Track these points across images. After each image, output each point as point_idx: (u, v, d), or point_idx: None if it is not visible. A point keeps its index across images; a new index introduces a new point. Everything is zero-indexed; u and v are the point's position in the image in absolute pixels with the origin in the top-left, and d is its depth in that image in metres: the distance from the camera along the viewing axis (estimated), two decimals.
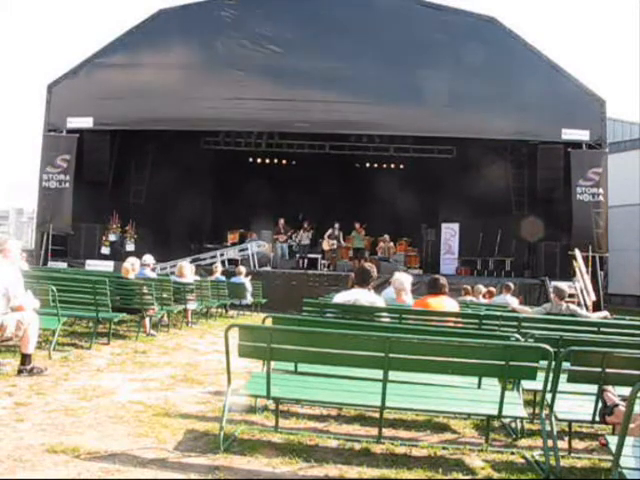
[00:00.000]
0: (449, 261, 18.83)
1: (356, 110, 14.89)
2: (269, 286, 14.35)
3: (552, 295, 7.61)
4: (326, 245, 18.14)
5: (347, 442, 3.86)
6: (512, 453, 3.82)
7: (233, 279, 13.01)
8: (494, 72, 14.95)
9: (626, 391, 3.03)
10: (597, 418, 3.54)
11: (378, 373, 3.57)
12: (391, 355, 3.49)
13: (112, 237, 16.40)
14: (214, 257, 16.57)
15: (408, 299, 6.88)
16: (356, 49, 14.90)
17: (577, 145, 14.89)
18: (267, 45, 15.18)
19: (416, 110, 14.87)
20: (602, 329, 5.40)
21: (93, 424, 3.99)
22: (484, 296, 11.22)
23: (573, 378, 3.55)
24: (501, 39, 15.15)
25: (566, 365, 3.60)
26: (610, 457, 3.02)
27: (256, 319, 11.03)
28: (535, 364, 3.55)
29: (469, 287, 11.65)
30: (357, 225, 17.87)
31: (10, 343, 5.62)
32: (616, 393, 3.52)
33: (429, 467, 3.46)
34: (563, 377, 3.58)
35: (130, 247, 16.31)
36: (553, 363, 3.48)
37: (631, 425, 2.81)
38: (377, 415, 4.11)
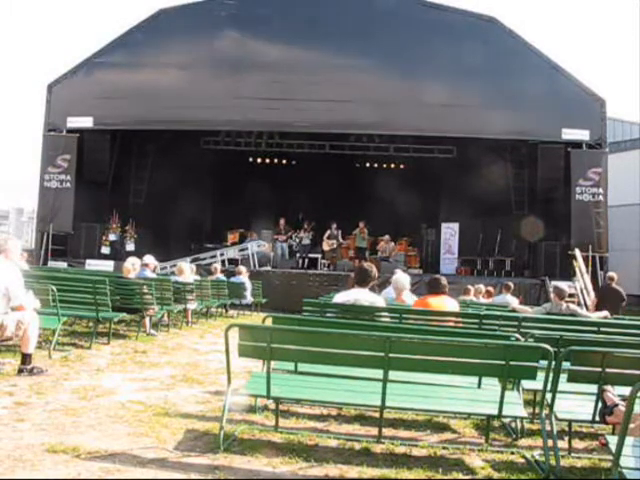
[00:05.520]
0: (449, 261, 18.82)
1: (356, 110, 14.89)
2: (269, 286, 14.35)
3: (552, 295, 7.61)
4: (326, 246, 18.16)
5: (347, 442, 3.86)
6: (512, 453, 3.82)
7: (233, 279, 13.01)
8: (494, 72, 14.94)
9: (626, 391, 3.03)
10: (597, 418, 3.54)
11: (378, 373, 3.57)
12: (391, 355, 3.49)
13: (112, 237, 16.41)
14: (214, 257, 16.57)
15: (408, 299, 6.89)
16: (356, 49, 14.88)
17: (577, 145, 14.88)
18: (267, 45, 15.17)
19: (416, 110, 14.87)
20: (602, 329, 5.40)
21: (93, 424, 3.99)
22: (483, 296, 11.23)
23: (573, 378, 3.55)
24: (501, 39, 15.15)
25: (566, 365, 3.60)
26: (610, 457, 3.02)
27: (256, 319, 11.05)
28: (535, 364, 3.55)
29: (470, 287, 11.65)
30: (361, 224, 17.88)
31: (10, 343, 5.62)
32: (616, 393, 3.52)
33: (429, 467, 3.46)
34: (563, 377, 3.57)
35: (130, 247, 16.31)
36: (553, 363, 3.48)
37: (631, 425, 2.81)
38: (377, 415, 4.11)
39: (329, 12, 15.27)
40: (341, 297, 5.44)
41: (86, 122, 15.34)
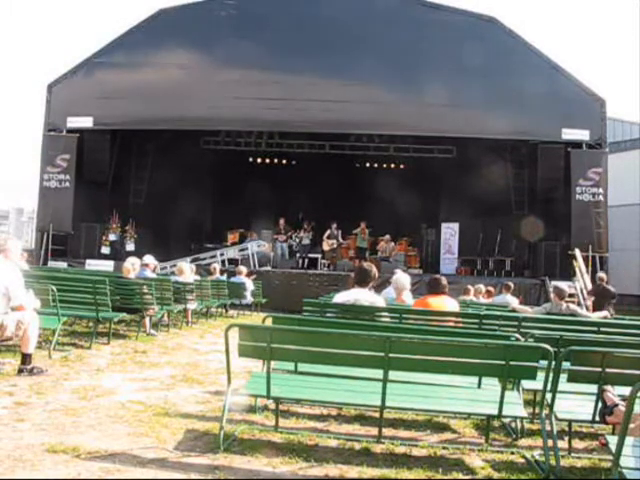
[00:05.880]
0: (449, 261, 18.82)
1: (356, 110, 14.89)
2: (269, 286, 14.35)
3: (552, 295, 7.62)
4: (326, 246, 18.17)
5: (347, 442, 3.86)
6: (512, 453, 3.82)
7: (233, 279, 13.01)
8: (494, 72, 14.95)
9: (626, 391, 3.03)
10: (597, 418, 3.54)
11: (378, 373, 3.57)
12: (391, 355, 3.49)
13: (112, 237, 16.41)
14: (214, 257, 16.57)
15: (408, 299, 6.88)
16: (356, 49, 14.89)
17: (577, 145, 14.89)
18: (267, 45, 15.17)
19: (416, 110, 14.87)
20: (602, 329, 5.40)
21: (93, 424, 3.99)
22: (483, 296, 11.24)
23: (573, 378, 3.55)
24: (501, 39, 15.15)
25: (566, 365, 3.60)
26: (610, 457, 3.02)
27: (256, 319, 11.04)
28: (535, 364, 3.55)
29: (470, 287, 11.66)
30: (362, 225, 17.91)
31: (10, 343, 5.62)
32: (616, 393, 3.52)
33: (429, 467, 3.46)
34: (563, 377, 3.57)
35: (130, 247, 16.32)
36: (553, 363, 3.48)
37: (631, 425, 2.81)
38: (377, 415, 4.11)
39: (329, 12, 15.27)
40: (341, 297, 5.44)
41: (86, 122, 15.35)
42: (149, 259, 10.06)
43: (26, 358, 5.28)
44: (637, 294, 20.10)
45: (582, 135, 14.81)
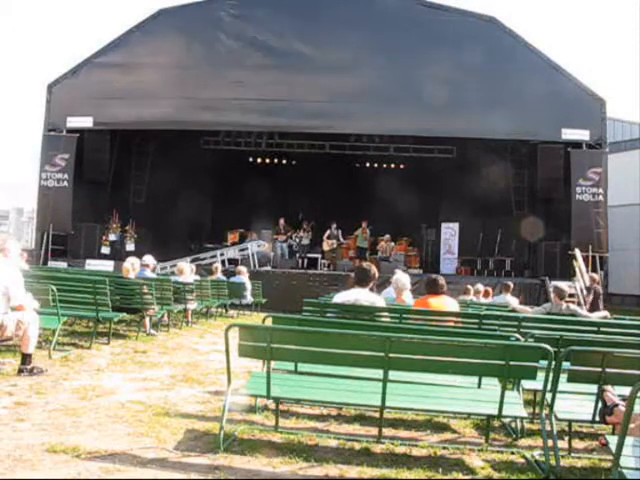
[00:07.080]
0: (449, 261, 18.83)
1: (356, 110, 14.89)
2: (269, 286, 14.34)
3: (552, 295, 7.62)
4: (326, 246, 18.18)
5: (347, 442, 3.86)
6: (512, 453, 3.82)
7: (233, 279, 13.01)
8: (494, 72, 14.96)
9: (626, 391, 3.03)
10: (597, 418, 3.54)
11: (378, 373, 3.57)
12: (391, 355, 3.49)
13: (112, 237, 16.42)
14: (214, 257, 16.57)
15: (408, 299, 6.88)
16: (357, 49, 14.90)
17: (577, 145, 14.88)
18: (267, 45, 15.18)
19: (416, 110, 14.87)
20: (602, 329, 5.40)
21: (93, 424, 3.99)
22: (482, 295, 11.25)
23: (573, 378, 3.55)
24: (501, 39, 15.16)
25: (566, 365, 3.60)
26: (610, 457, 3.02)
27: (256, 319, 11.04)
28: (535, 364, 3.55)
29: (469, 287, 11.67)
30: (363, 225, 17.93)
31: (10, 343, 5.61)
32: (616, 393, 3.52)
33: (429, 467, 3.46)
34: (563, 377, 3.58)
35: (130, 247, 16.32)
36: (553, 363, 3.48)
37: (631, 425, 2.81)
38: (377, 415, 4.11)
39: (329, 13, 15.28)
40: (341, 297, 5.44)
41: (86, 122, 15.35)
42: (148, 259, 10.05)
43: (26, 358, 5.28)
44: (637, 294, 20.10)
45: (582, 135, 14.81)
